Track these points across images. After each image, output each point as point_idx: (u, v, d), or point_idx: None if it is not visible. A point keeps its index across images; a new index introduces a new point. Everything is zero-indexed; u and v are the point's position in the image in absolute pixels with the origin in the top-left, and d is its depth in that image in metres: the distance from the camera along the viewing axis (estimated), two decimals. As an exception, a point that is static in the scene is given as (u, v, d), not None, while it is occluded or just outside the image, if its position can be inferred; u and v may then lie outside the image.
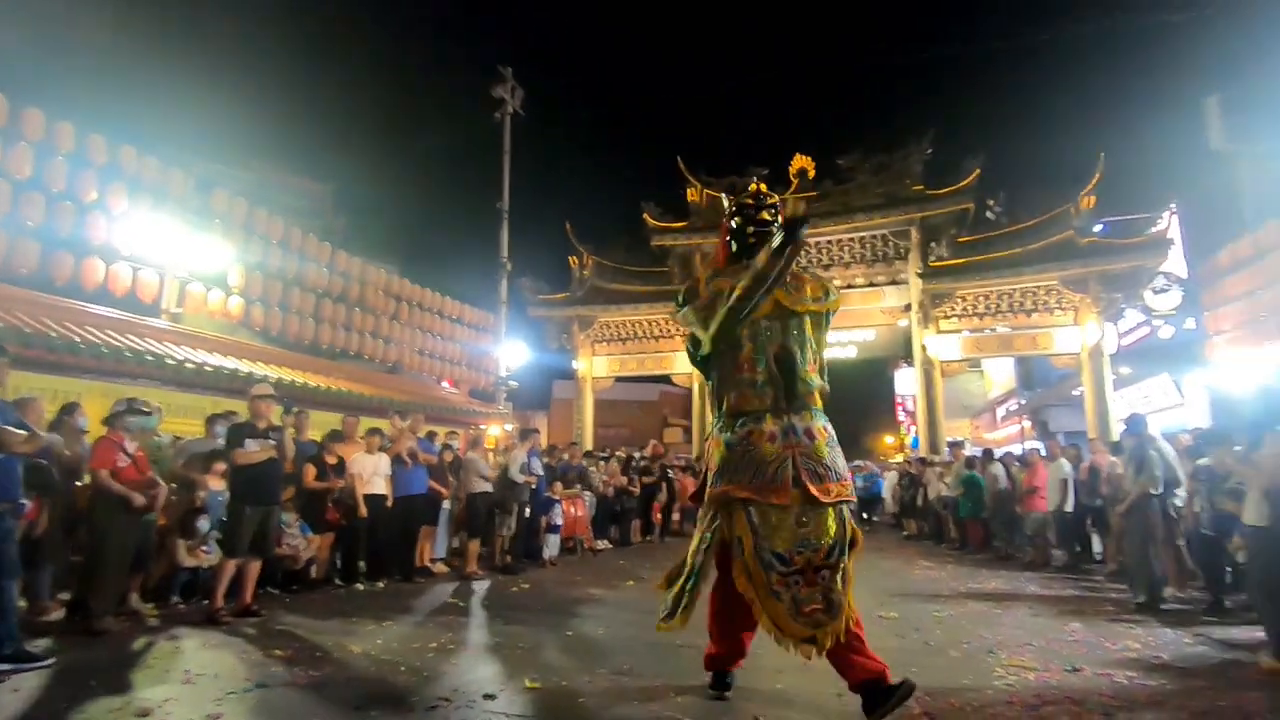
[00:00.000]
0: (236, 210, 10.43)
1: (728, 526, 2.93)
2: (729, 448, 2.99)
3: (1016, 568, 8.38)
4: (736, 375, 3.05)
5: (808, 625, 2.71)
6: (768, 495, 2.85)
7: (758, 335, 3.05)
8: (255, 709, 2.97)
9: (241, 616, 4.88)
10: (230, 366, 9.22)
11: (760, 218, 3.23)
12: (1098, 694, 3.30)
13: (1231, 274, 13.23)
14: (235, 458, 5.16)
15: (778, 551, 2.79)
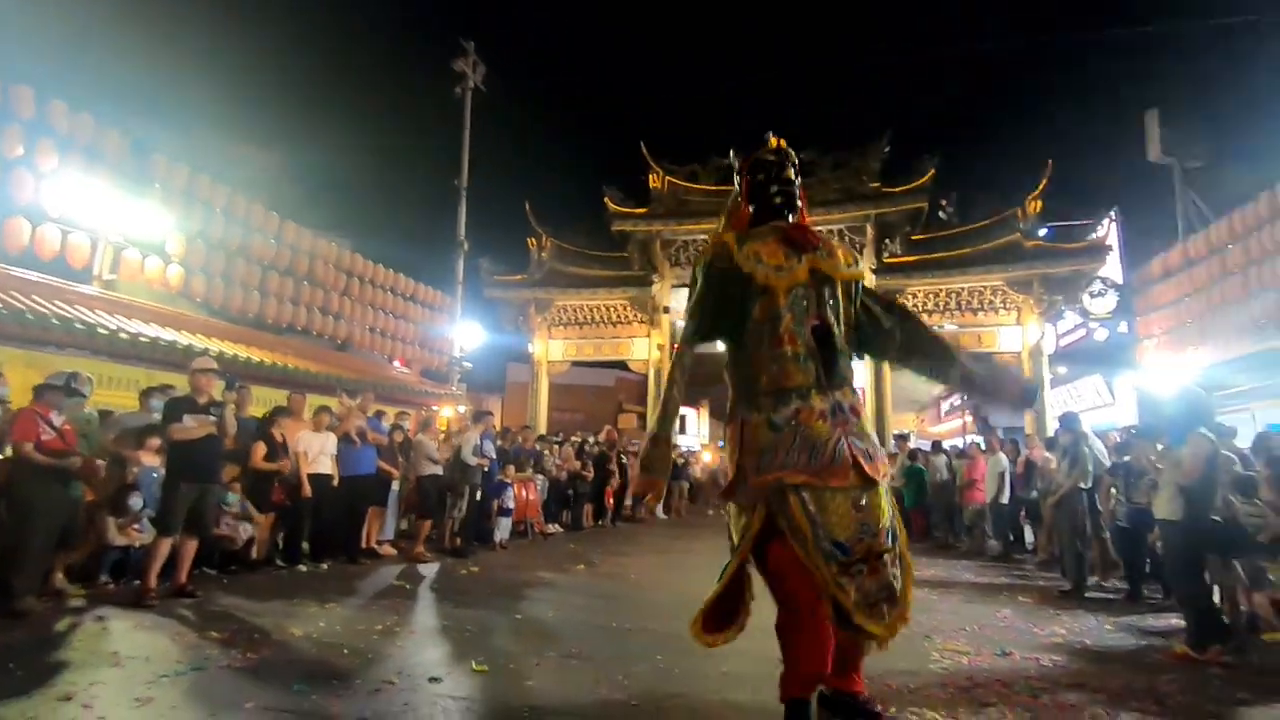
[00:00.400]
0: (177, 175, 9.93)
1: (784, 517, 2.54)
2: (774, 429, 2.64)
3: (954, 556, 8.71)
4: (776, 349, 2.71)
5: (874, 618, 2.51)
6: (827, 478, 2.55)
7: (796, 304, 2.74)
8: (189, 692, 2.87)
9: (175, 597, 4.70)
10: (168, 338, 8.82)
11: (785, 175, 2.93)
12: (1025, 677, 3.47)
13: (1162, 282, 13.93)
14: (171, 433, 4.95)
15: (839, 540, 2.50)
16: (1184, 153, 15.71)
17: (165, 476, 5.02)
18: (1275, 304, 10.65)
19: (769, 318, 2.74)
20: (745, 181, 3.03)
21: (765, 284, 2.74)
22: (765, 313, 2.74)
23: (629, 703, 2.91)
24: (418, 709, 2.76)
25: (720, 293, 2.81)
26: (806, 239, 2.85)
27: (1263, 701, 3.19)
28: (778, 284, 2.74)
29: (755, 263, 2.76)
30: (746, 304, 2.77)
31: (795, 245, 2.82)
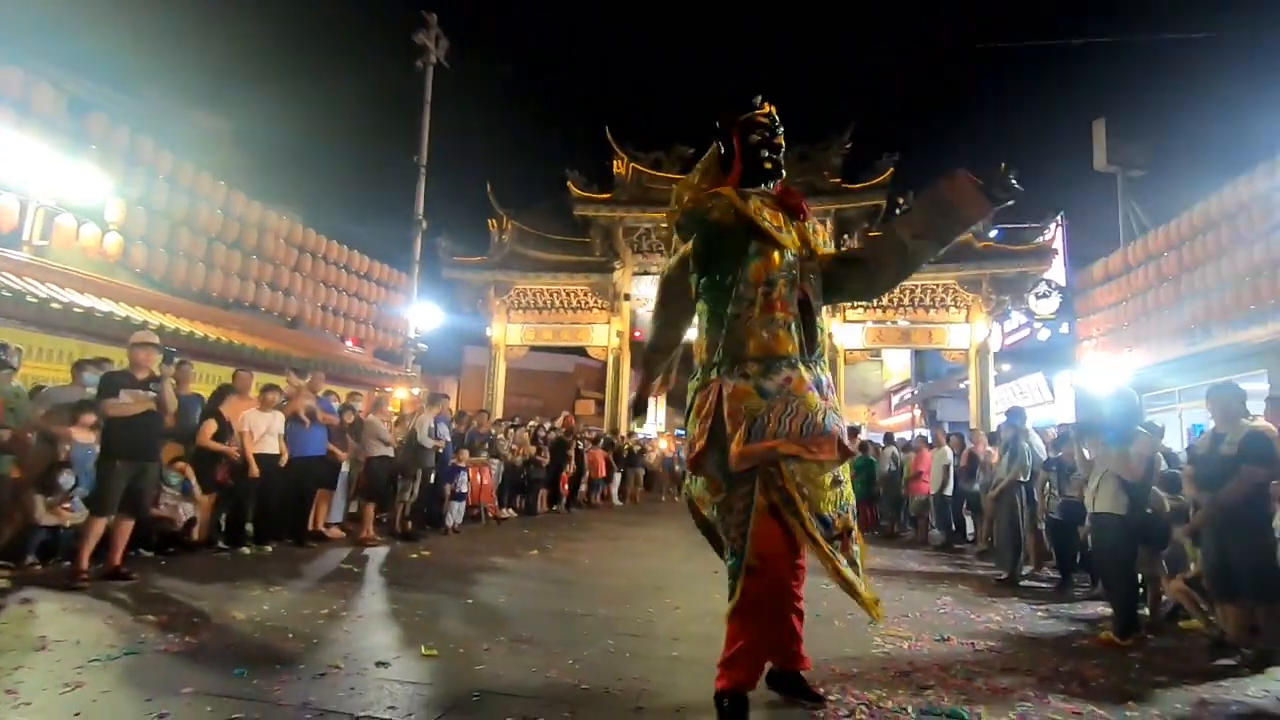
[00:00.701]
0: (117, 137, 9.41)
1: (774, 490, 2.45)
2: (764, 395, 2.52)
3: (899, 545, 8.98)
4: (768, 314, 2.59)
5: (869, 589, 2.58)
6: (816, 451, 2.48)
7: (788, 271, 2.65)
8: (122, 677, 2.77)
9: (109, 579, 4.52)
10: (104, 309, 8.42)
11: (775, 142, 2.87)
12: (962, 661, 3.61)
13: (1102, 285, 14.53)
14: (107, 409, 4.74)
15: (822, 514, 2.47)
16: (1128, 162, 16.36)
17: (100, 454, 4.80)
18: (1204, 310, 11.22)
19: (765, 281, 2.62)
20: (737, 140, 2.89)
21: (774, 239, 2.64)
22: (761, 275, 2.62)
23: (578, 686, 2.93)
24: (364, 693, 2.73)
25: (715, 246, 2.68)
26: (800, 207, 2.80)
27: (1176, 684, 3.39)
28: (783, 243, 2.66)
29: (762, 219, 2.65)
30: (741, 262, 2.64)
31: (790, 211, 2.77)
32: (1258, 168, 10.18)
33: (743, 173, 2.85)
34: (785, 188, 2.88)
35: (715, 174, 2.95)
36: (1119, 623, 4.23)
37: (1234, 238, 10.59)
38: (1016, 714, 2.82)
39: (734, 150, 2.89)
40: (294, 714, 2.47)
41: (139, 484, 4.76)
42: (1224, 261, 10.73)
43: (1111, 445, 4.43)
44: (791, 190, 2.87)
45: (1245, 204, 10.40)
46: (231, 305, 11.53)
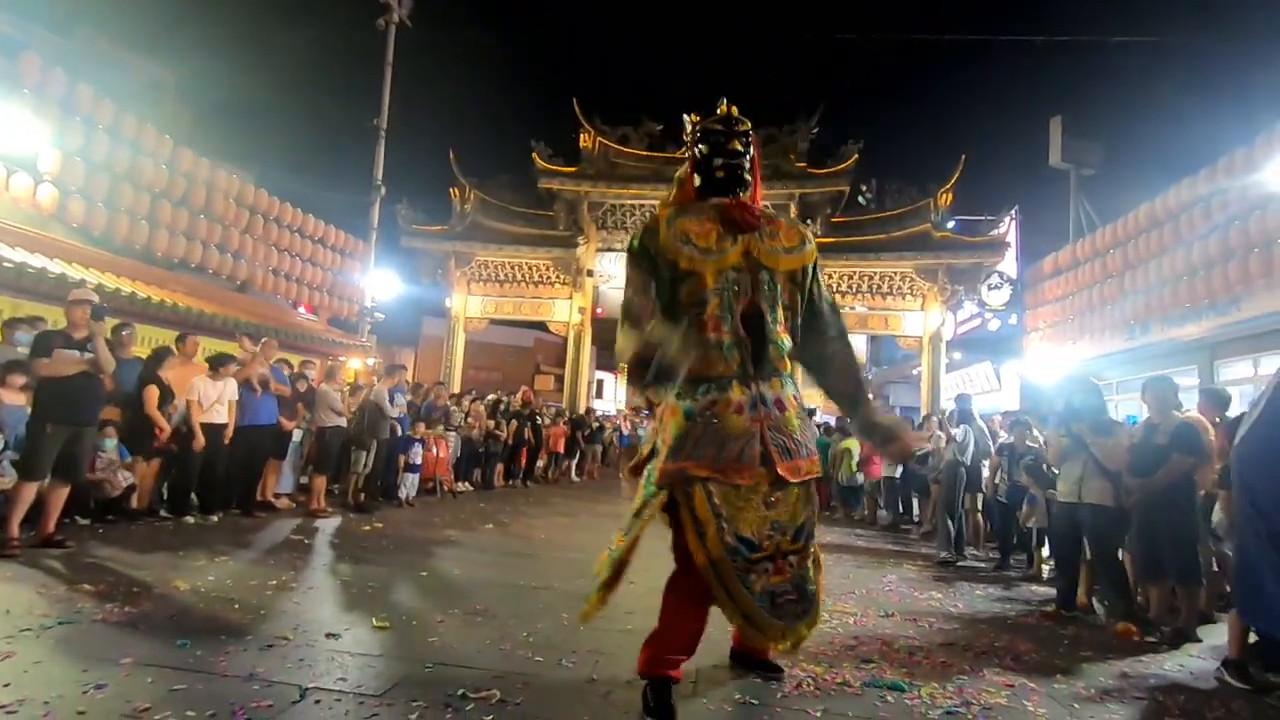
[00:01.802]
0: (53, 82, 8.82)
1: (686, 508, 2.47)
2: (689, 418, 2.53)
3: (849, 525, 9.24)
4: (700, 335, 2.55)
5: (783, 619, 2.47)
6: (731, 475, 2.46)
7: (725, 289, 2.59)
8: (57, 647, 2.68)
9: (42, 547, 4.34)
10: (36, 264, 7.97)
11: (731, 147, 2.73)
12: (904, 636, 3.75)
13: (1051, 279, 15.02)
14: (38, 368, 4.51)
15: (744, 536, 2.43)
16: (1081, 160, 16.85)
17: (31, 416, 4.58)
18: (1144, 306, 11.72)
19: (694, 302, 2.60)
20: (693, 153, 2.83)
21: (689, 268, 2.58)
22: (691, 296, 2.60)
23: (532, 659, 2.95)
24: (314, 665, 2.69)
25: (649, 272, 2.64)
26: (745, 219, 2.65)
27: (1101, 659, 3.60)
28: (703, 268, 2.58)
29: (681, 243, 2.59)
30: (675, 285, 2.62)
31: (732, 225, 2.64)
32: (1200, 172, 10.61)
33: (700, 185, 2.79)
34: (736, 200, 2.71)
35: (683, 187, 2.88)
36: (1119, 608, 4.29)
37: (1174, 238, 11.04)
38: (954, 686, 2.95)
39: (690, 161, 2.84)
40: (240, 685, 2.42)
41: (74, 449, 4.56)
42: (1164, 261, 11.19)
43: (1097, 435, 4.43)
44: (739, 202, 2.71)
45: (1186, 206, 10.84)
46: (176, 266, 11.03)
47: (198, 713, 2.16)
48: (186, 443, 5.93)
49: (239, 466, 6.43)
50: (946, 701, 2.75)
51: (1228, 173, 10.01)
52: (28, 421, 4.61)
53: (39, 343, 4.61)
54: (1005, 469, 6.52)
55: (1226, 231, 9.89)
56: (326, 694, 2.41)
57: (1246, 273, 9.51)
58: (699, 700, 2.62)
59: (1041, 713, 2.73)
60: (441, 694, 2.45)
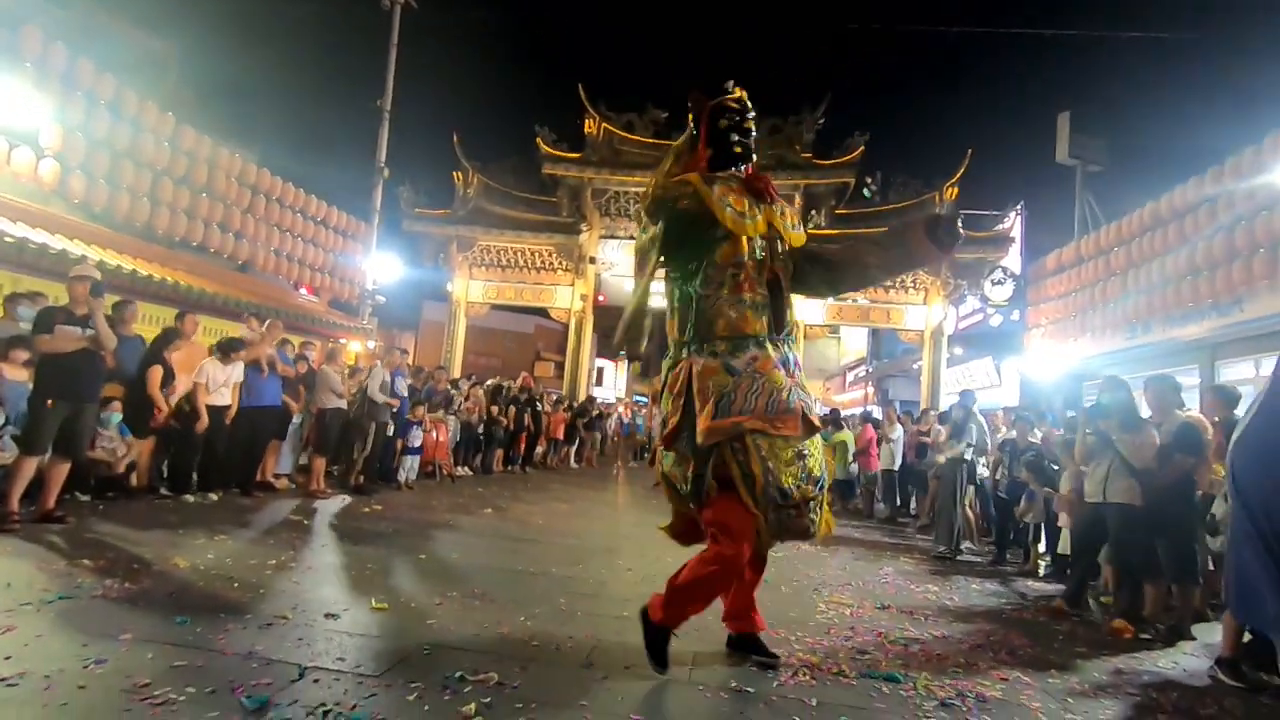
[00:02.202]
0: (54, 56, 8.74)
1: (735, 464, 2.59)
2: (733, 373, 2.65)
3: (845, 517, 9.27)
4: (736, 295, 2.72)
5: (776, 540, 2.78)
6: (780, 426, 2.60)
7: (755, 254, 2.79)
8: (57, 621, 2.68)
9: (42, 522, 4.36)
10: (38, 240, 7.93)
11: (745, 126, 2.96)
12: (900, 629, 3.77)
13: (1054, 276, 14.97)
14: (39, 344, 4.50)
15: (783, 486, 2.59)
16: (1088, 157, 16.73)
17: (32, 391, 4.57)
18: (1146, 305, 11.69)
19: (732, 263, 2.75)
20: (706, 125, 2.96)
21: (732, 229, 2.74)
22: (729, 257, 2.75)
23: (530, 642, 2.96)
24: (313, 644, 2.70)
25: (682, 232, 2.76)
26: (767, 191, 2.89)
27: (1096, 655, 3.62)
28: (741, 230, 2.75)
29: (724, 206, 2.74)
30: (709, 246, 2.76)
31: (757, 195, 2.85)
32: (1206, 172, 10.55)
33: (712, 157, 2.93)
34: (754, 172, 2.95)
35: (687, 158, 3.00)
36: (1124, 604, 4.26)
37: (1179, 237, 10.99)
38: (949, 679, 2.96)
39: (702, 134, 2.97)
40: (239, 663, 2.43)
41: (75, 425, 4.56)
42: (1168, 260, 11.15)
43: (1124, 432, 4.34)
44: (759, 175, 2.94)
45: (1192, 206, 10.78)
46: (177, 245, 10.98)
47: (197, 689, 2.17)
48: (189, 422, 5.94)
49: (242, 447, 6.44)
50: (941, 693, 2.76)
51: (1235, 172, 9.95)
52: (29, 397, 4.61)
53: (41, 319, 4.60)
54: (1006, 465, 6.53)
55: (1232, 232, 9.84)
56: (325, 673, 2.42)
57: (1250, 273, 9.48)
58: (695, 688, 2.63)
59: (1035, 706, 2.74)
60: (439, 675, 2.47)
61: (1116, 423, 4.42)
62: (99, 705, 2.02)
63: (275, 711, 2.07)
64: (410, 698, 2.27)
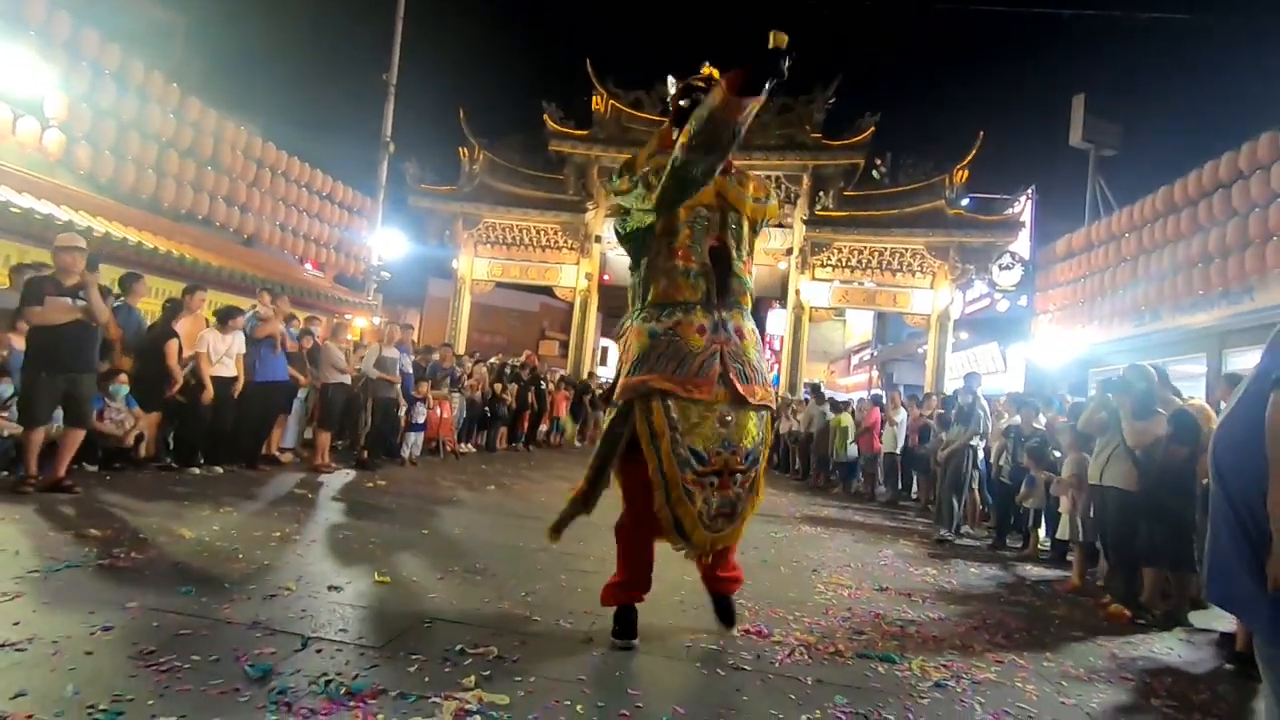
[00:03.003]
0: (58, 25, 8.67)
1: (644, 421, 2.66)
2: (652, 336, 2.74)
3: (846, 499, 9.31)
4: (669, 263, 2.81)
5: (710, 533, 2.67)
6: (690, 389, 2.65)
7: (695, 222, 2.84)
8: (64, 589, 2.73)
9: (52, 490, 4.41)
10: (44, 210, 7.94)
11: None
12: (897, 610, 3.80)
13: (1064, 261, 14.84)
14: (30, 316, 4.50)
15: (696, 449, 2.63)
16: (1101, 140, 16.49)
17: (24, 365, 4.57)
18: (1156, 293, 11.59)
19: (667, 232, 2.83)
20: (675, 106, 3.04)
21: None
22: (665, 226, 2.83)
23: (530, 618, 2.99)
24: (316, 615, 2.74)
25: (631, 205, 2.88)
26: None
27: (1091, 639, 3.64)
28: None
29: (655, 175, 2.78)
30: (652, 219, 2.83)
31: None
32: (1222, 157, 10.38)
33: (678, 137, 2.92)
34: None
35: (666, 136, 3.06)
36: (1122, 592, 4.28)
37: (1191, 224, 10.86)
38: (945, 660, 2.99)
39: (671, 113, 3.06)
40: (243, 633, 2.47)
41: (75, 394, 4.57)
42: (1180, 247, 11.03)
43: (1134, 418, 4.33)
44: None
45: (1206, 192, 10.64)
46: (183, 217, 10.97)
47: (202, 657, 2.20)
48: (194, 395, 5.97)
49: (253, 421, 6.49)
50: (936, 674, 2.79)
51: (1250, 158, 9.80)
52: (22, 368, 4.61)
53: (30, 290, 4.57)
54: (1010, 450, 6.53)
55: (1246, 218, 9.72)
56: (328, 644, 2.45)
57: (1263, 261, 9.37)
58: (692, 665, 2.66)
59: (1030, 689, 2.77)
60: (440, 648, 2.50)
61: (1130, 404, 4.39)
62: (105, 670, 2.06)
63: (278, 680, 2.10)
64: (411, 669, 2.30)
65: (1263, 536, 1.48)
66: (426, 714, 2.00)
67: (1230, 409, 1.90)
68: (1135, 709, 2.78)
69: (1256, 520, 1.49)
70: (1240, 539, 1.57)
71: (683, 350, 2.69)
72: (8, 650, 2.10)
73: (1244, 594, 1.53)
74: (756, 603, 3.52)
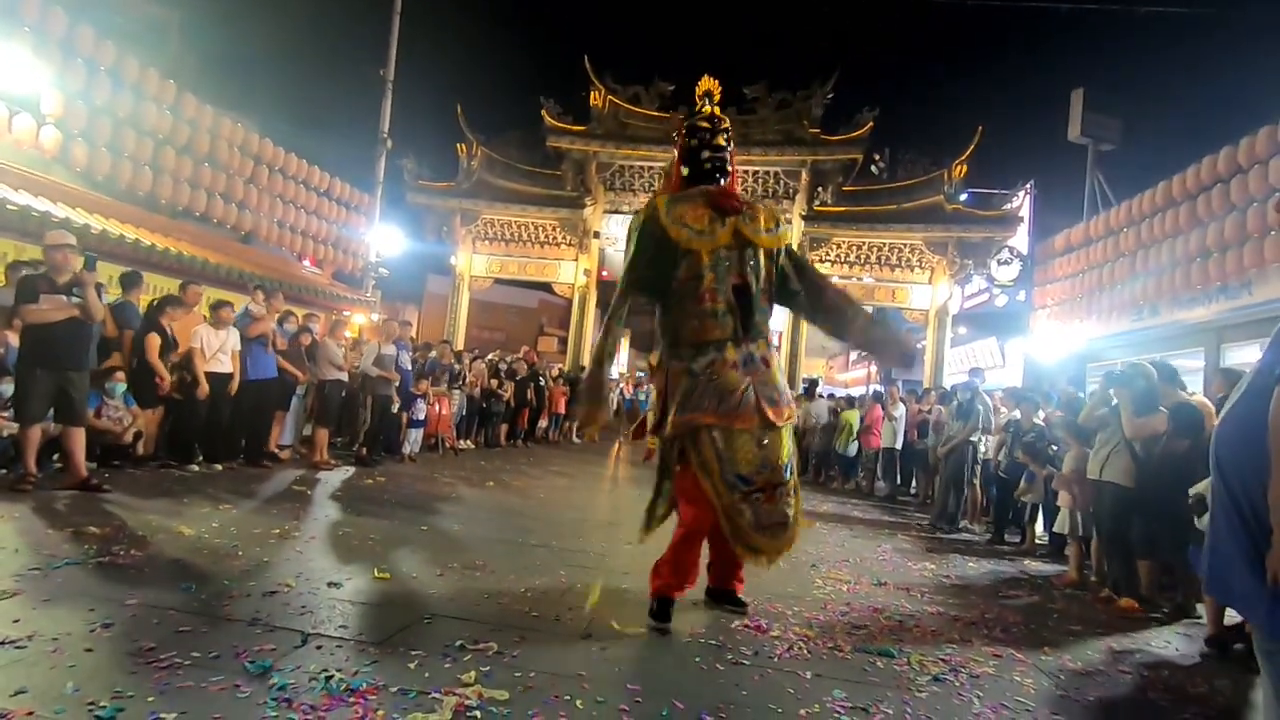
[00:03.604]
0: (53, 21, 8.62)
1: (695, 453, 3.00)
2: (693, 376, 3.04)
3: (845, 495, 9.32)
4: (699, 306, 3.07)
5: (768, 537, 2.98)
6: (733, 421, 2.96)
7: (718, 265, 3.08)
8: (63, 586, 2.73)
9: (82, 490, 4.47)
10: (41, 208, 7.91)
11: (716, 143, 3.25)
12: (896, 604, 3.81)
13: (1062, 256, 14.84)
14: (26, 314, 4.48)
15: (741, 474, 2.94)
16: (1100, 135, 16.45)
17: (18, 362, 4.57)
18: (1155, 288, 11.59)
19: (693, 276, 3.07)
20: (681, 144, 3.33)
21: (689, 247, 3.06)
22: (690, 272, 3.08)
23: (529, 613, 3.00)
24: (315, 611, 2.74)
25: (651, 252, 3.11)
26: (731, 204, 3.14)
27: (1089, 633, 3.66)
28: (700, 246, 3.06)
29: (680, 227, 3.06)
30: (674, 263, 3.09)
31: (720, 209, 3.12)
32: (1220, 152, 10.37)
33: (688, 174, 3.30)
34: (724, 186, 3.25)
35: (674, 175, 3.42)
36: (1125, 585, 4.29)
37: (1190, 218, 10.85)
38: (943, 654, 3.00)
39: (678, 153, 3.36)
40: (243, 629, 2.47)
41: (69, 392, 4.56)
42: (1178, 241, 11.02)
43: (1135, 414, 4.31)
44: (724, 189, 3.24)
45: (1204, 186, 10.63)
46: (180, 214, 10.93)
47: (202, 654, 2.21)
48: (190, 391, 5.96)
49: (247, 419, 6.48)
50: (934, 668, 2.80)
51: (1249, 153, 9.79)
52: (15, 366, 4.61)
53: (24, 288, 4.56)
54: (1009, 445, 6.53)
55: (1244, 213, 9.72)
56: (327, 640, 2.46)
57: (1261, 256, 9.37)
58: (691, 660, 2.67)
59: (1028, 683, 2.78)
60: (440, 644, 2.50)
61: (1129, 401, 4.39)
62: (105, 667, 2.06)
63: (278, 677, 2.10)
64: (411, 665, 2.31)
65: (1263, 531, 1.49)
66: (427, 710, 2.01)
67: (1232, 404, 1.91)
68: (1133, 702, 2.79)
69: (1257, 514, 1.49)
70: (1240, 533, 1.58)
71: (722, 388, 2.99)
72: (7, 648, 2.10)
73: (1244, 588, 1.53)
74: (755, 598, 3.53)
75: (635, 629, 2.89)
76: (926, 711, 2.39)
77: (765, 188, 16.66)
